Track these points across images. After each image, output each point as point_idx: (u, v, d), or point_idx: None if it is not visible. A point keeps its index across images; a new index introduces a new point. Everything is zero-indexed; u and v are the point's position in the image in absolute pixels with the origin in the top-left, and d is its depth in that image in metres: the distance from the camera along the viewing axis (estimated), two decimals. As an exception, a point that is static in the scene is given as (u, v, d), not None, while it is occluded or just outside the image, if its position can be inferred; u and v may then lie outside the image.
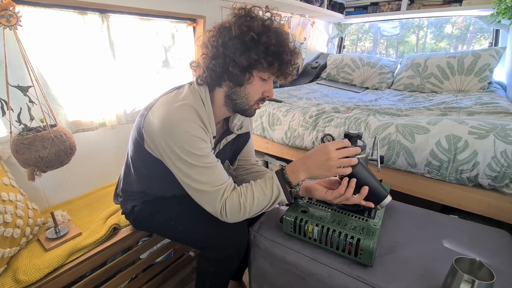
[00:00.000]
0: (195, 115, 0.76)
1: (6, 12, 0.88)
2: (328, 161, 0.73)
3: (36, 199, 1.17)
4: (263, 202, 0.76)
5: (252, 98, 0.80)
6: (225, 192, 0.76)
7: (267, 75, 0.78)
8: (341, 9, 2.95)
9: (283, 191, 0.75)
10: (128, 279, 1.13)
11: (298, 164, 0.78)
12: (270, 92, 0.82)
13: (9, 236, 0.89)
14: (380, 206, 0.77)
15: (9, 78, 0.92)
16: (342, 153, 0.73)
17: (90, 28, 1.26)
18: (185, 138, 0.72)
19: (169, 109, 0.74)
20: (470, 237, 0.85)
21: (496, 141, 1.06)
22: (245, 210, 0.75)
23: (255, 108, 0.84)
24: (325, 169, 0.74)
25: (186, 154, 0.73)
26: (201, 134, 0.75)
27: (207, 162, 0.75)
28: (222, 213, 0.76)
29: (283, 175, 0.77)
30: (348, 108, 1.68)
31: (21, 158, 0.93)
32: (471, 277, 0.57)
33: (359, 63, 2.78)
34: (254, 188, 0.77)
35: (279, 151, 1.75)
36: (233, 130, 0.95)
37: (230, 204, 0.75)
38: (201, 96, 0.80)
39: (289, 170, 0.78)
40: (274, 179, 0.77)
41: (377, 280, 0.70)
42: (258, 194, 0.75)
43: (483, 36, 4.64)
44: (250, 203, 0.75)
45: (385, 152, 1.28)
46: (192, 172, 0.75)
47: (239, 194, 0.76)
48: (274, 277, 0.89)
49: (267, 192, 0.76)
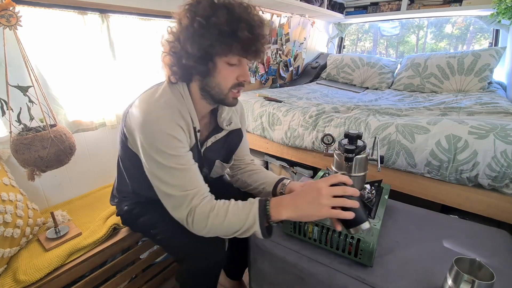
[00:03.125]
0: (171, 111, 0.72)
1: (6, 12, 0.88)
2: (319, 198, 0.63)
3: (36, 199, 1.17)
4: (233, 225, 0.68)
5: (224, 86, 0.74)
6: (194, 199, 0.70)
7: (235, 58, 0.71)
8: (341, 9, 2.95)
9: (258, 223, 0.67)
10: (128, 279, 1.13)
11: (286, 199, 0.69)
12: (244, 76, 0.75)
13: (9, 236, 0.89)
14: (354, 230, 0.64)
15: (9, 78, 0.92)
16: (336, 191, 0.63)
17: (90, 28, 1.26)
18: (158, 136, 0.69)
19: (145, 106, 0.72)
20: (470, 237, 0.85)
21: (496, 141, 1.06)
22: (212, 226, 0.68)
23: (232, 96, 0.77)
24: (316, 208, 0.63)
25: (157, 152, 0.69)
26: (176, 132, 0.71)
27: (180, 163, 0.70)
28: (188, 220, 0.70)
29: (265, 207, 0.69)
30: (348, 108, 1.68)
31: (20, 158, 0.93)
32: (471, 277, 0.57)
33: (359, 63, 2.78)
34: (231, 207, 0.70)
35: (279, 151, 1.75)
36: (222, 126, 0.91)
37: (198, 213, 0.69)
38: (180, 91, 0.77)
39: (273, 204, 0.69)
40: (253, 206, 0.69)
41: (377, 280, 0.70)
42: (231, 216, 0.68)
43: (483, 36, 4.64)
44: (219, 220, 0.68)
45: (385, 152, 1.28)
46: (162, 173, 0.70)
47: (212, 206, 0.69)
48: (274, 277, 0.89)
49: (242, 217, 0.68)
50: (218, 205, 0.70)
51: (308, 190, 0.67)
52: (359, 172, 0.88)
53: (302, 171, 1.76)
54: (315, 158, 1.57)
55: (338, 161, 0.89)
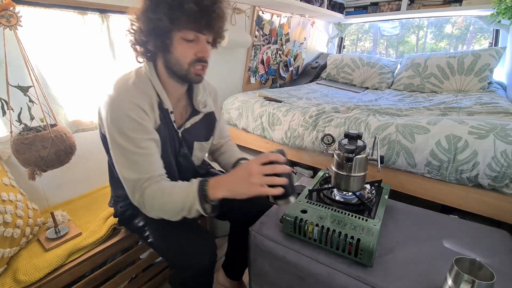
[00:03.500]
0: (135, 93, 0.74)
1: (6, 12, 0.88)
2: (250, 177, 0.66)
3: (36, 199, 1.17)
4: (177, 204, 0.71)
5: (183, 62, 0.76)
6: (146, 183, 0.72)
7: (191, 34, 0.73)
8: (341, 9, 2.95)
9: (198, 201, 0.70)
10: (128, 279, 1.13)
11: (221, 179, 0.72)
12: (202, 52, 0.76)
13: (9, 236, 0.89)
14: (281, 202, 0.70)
15: (9, 78, 0.92)
16: (265, 169, 0.66)
17: (90, 28, 1.26)
18: (118, 117, 0.72)
19: (112, 90, 0.75)
20: (470, 237, 0.85)
21: (496, 141, 1.06)
22: (159, 205, 0.72)
23: (195, 72, 0.78)
24: (246, 186, 0.67)
25: (118, 134, 0.72)
26: (135, 114, 0.73)
27: (139, 146, 0.72)
28: (140, 203, 0.74)
29: (203, 187, 0.71)
30: (348, 108, 1.68)
31: (21, 157, 0.93)
32: (471, 277, 0.57)
33: (359, 63, 2.78)
34: (175, 188, 0.73)
35: (279, 151, 1.75)
36: (199, 108, 0.93)
37: (147, 194, 0.72)
38: (147, 73, 0.79)
39: (210, 184, 0.72)
40: (193, 186, 0.72)
41: (377, 280, 0.70)
42: (175, 195, 0.72)
43: (483, 36, 4.64)
44: (165, 200, 0.71)
45: (385, 152, 1.28)
46: (120, 156, 0.73)
47: (159, 188, 0.72)
48: (274, 277, 0.89)
49: (183, 196, 0.71)
50: (165, 186, 0.73)
51: (240, 170, 0.70)
52: (359, 172, 0.88)
53: (302, 171, 1.76)
54: (315, 158, 1.57)
55: (338, 161, 0.89)
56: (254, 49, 2.32)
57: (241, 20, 2.08)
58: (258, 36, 2.31)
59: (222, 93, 2.15)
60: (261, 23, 2.27)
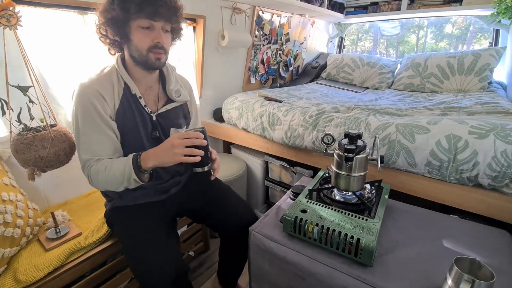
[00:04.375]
0: (97, 80, 0.84)
1: (6, 12, 0.88)
2: (173, 148, 0.78)
3: (36, 199, 1.17)
4: (117, 177, 0.81)
5: (141, 48, 0.84)
6: (93, 161, 0.84)
7: (145, 21, 0.81)
8: (341, 9, 2.95)
9: (133, 172, 0.80)
10: (128, 279, 1.13)
11: (151, 152, 0.82)
12: (158, 38, 0.84)
13: (9, 236, 0.89)
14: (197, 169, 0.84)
15: (9, 78, 0.92)
16: (185, 142, 0.78)
17: (90, 28, 1.26)
18: (78, 101, 0.82)
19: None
20: (470, 237, 0.85)
21: (496, 141, 1.06)
22: (103, 179, 0.82)
23: (154, 57, 0.86)
24: (170, 155, 0.78)
25: (76, 117, 0.82)
26: (94, 98, 0.82)
27: (93, 130, 0.82)
28: (88, 179, 0.85)
29: (137, 159, 0.81)
30: (348, 108, 1.68)
31: (21, 158, 0.93)
32: (471, 277, 0.57)
33: (359, 63, 2.78)
34: (114, 163, 0.82)
35: (279, 151, 1.75)
36: (172, 97, 0.99)
37: (93, 170, 0.83)
38: (114, 64, 0.90)
39: (143, 156, 0.82)
40: (129, 160, 0.81)
41: (377, 280, 0.70)
42: (114, 169, 0.81)
43: (483, 36, 4.64)
44: (107, 174, 0.81)
45: (385, 152, 1.28)
46: (79, 137, 0.83)
47: (102, 164, 0.83)
48: (274, 277, 0.89)
49: (121, 169, 0.81)
50: (106, 162, 0.83)
51: (165, 143, 0.81)
52: (359, 172, 0.88)
53: (302, 171, 1.76)
54: (315, 158, 1.57)
55: (338, 161, 0.89)
56: (254, 49, 2.32)
57: (241, 20, 2.08)
58: (258, 36, 2.31)
59: (222, 93, 2.15)
60: (261, 23, 2.27)
